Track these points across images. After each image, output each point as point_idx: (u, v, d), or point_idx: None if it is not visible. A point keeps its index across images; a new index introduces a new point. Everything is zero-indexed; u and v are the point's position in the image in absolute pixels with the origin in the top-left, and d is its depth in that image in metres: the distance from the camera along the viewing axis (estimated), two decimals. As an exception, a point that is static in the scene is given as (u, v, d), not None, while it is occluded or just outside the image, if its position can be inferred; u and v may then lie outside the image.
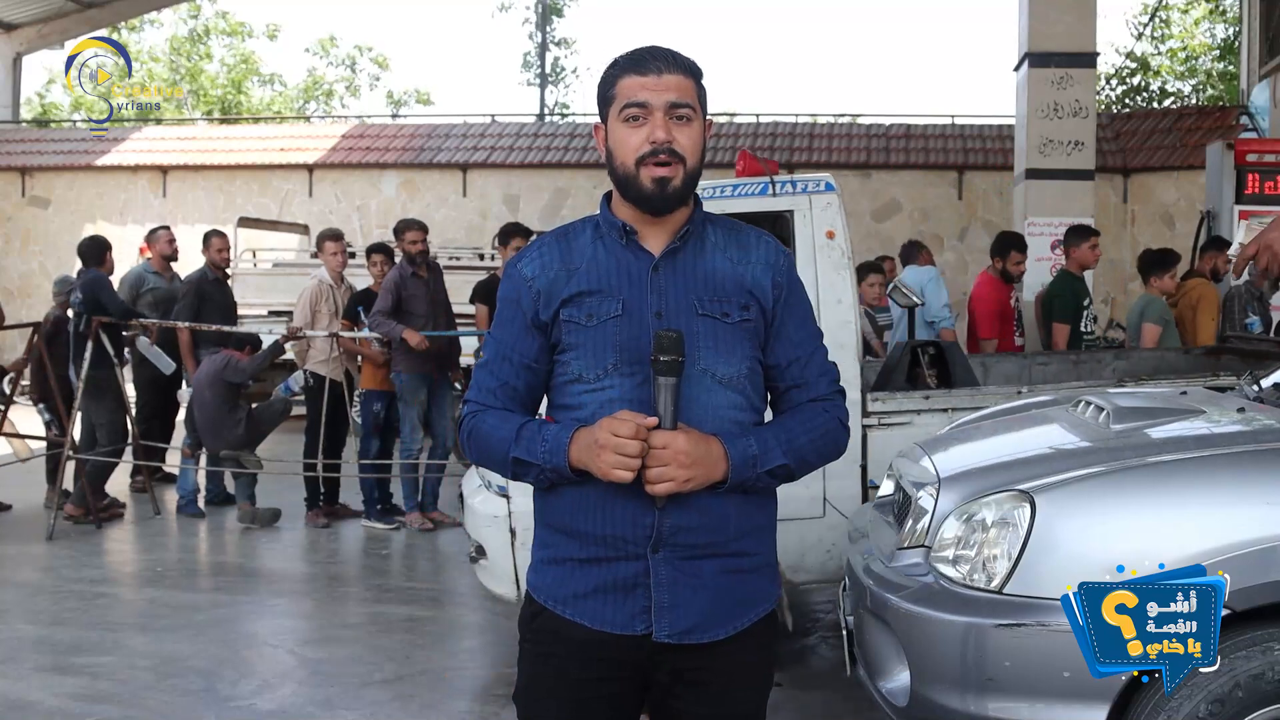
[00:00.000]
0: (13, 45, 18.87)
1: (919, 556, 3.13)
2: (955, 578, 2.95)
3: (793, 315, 2.09)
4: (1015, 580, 2.82)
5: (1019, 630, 2.77)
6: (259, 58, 30.69)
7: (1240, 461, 2.99)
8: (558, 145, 16.94)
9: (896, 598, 3.05)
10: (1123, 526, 2.82)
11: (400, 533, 7.51)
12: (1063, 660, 2.71)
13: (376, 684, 4.68)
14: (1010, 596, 2.81)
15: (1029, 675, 2.77)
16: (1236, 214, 9.31)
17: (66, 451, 7.53)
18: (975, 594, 2.88)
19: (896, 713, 3.05)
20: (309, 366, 7.61)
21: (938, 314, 7.78)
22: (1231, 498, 2.85)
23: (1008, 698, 2.78)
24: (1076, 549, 2.82)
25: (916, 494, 3.35)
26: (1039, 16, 10.87)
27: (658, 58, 2.00)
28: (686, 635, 2.00)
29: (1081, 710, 2.74)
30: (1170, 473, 2.96)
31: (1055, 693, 2.75)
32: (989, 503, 2.95)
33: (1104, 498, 2.88)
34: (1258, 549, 2.69)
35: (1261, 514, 2.76)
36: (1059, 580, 2.75)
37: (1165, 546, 2.74)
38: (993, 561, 2.88)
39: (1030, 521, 2.83)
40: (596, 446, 1.91)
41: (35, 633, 5.37)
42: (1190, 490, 2.89)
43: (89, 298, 7.71)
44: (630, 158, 2.00)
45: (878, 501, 3.97)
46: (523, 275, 2.07)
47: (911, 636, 2.97)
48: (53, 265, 15.56)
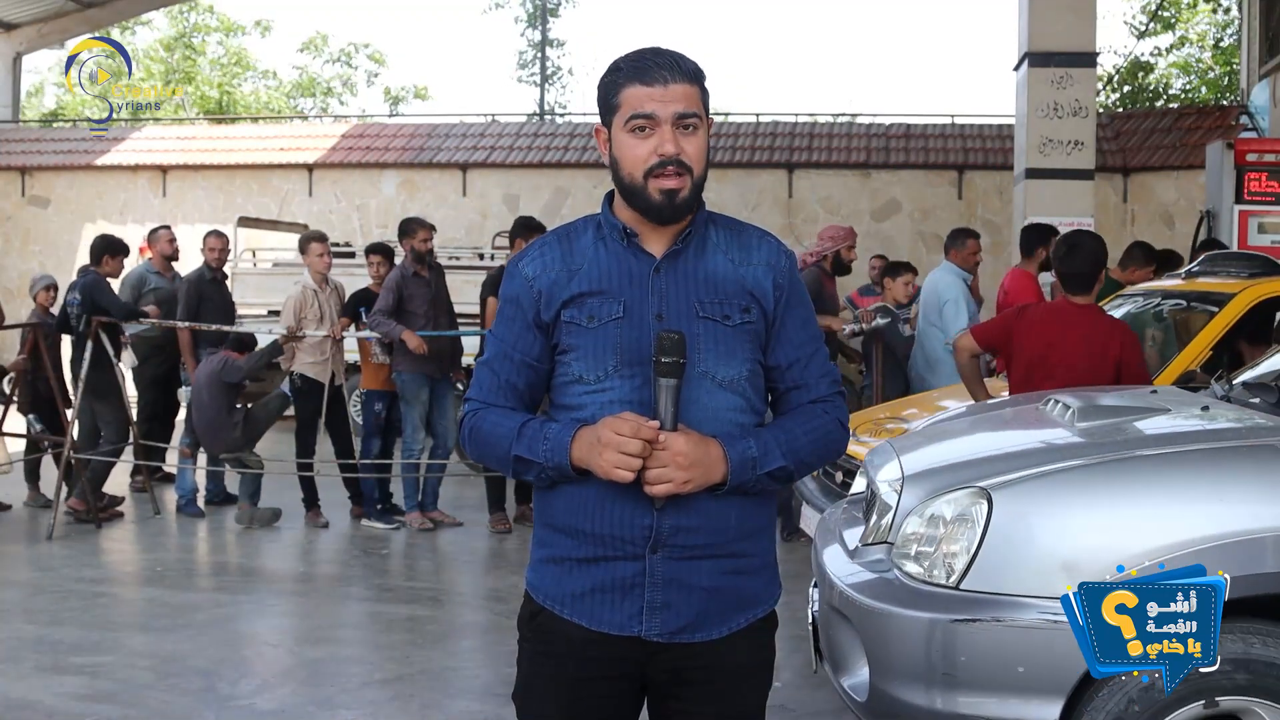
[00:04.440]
0: (13, 45, 18.85)
1: (882, 553, 3.17)
2: (915, 574, 2.98)
3: (794, 316, 2.09)
4: (972, 576, 2.85)
5: (975, 626, 2.80)
6: (252, 55, 30.68)
7: (1195, 459, 3.03)
8: (557, 145, 16.94)
9: (857, 593, 3.08)
10: (1077, 523, 2.86)
11: (400, 533, 7.51)
12: (1018, 655, 2.76)
13: (376, 684, 4.68)
14: (967, 592, 2.84)
15: (984, 670, 2.80)
16: (1236, 214, 9.31)
17: (67, 451, 7.53)
18: (933, 590, 2.91)
19: (857, 708, 3.07)
20: (297, 368, 7.60)
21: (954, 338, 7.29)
22: (1186, 496, 2.88)
23: (963, 692, 2.81)
24: (1032, 545, 2.85)
25: (882, 491, 3.38)
26: (1039, 16, 10.87)
27: (663, 66, 1.99)
28: (678, 635, 2.01)
29: (1036, 704, 2.77)
30: (1126, 470, 2.99)
31: (1010, 687, 2.78)
32: (949, 500, 2.99)
33: (1060, 495, 2.92)
34: (1210, 546, 2.71)
35: (1215, 511, 2.80)
36: (1014, 576, 2.82)
37: (1119, 543, 2.79)
38: (951, 558, 2.91)
39: (987, 518, 2.87)
40: (599, 445, 1.91)
41: (35, 632, 5.37)
42: (1145, 488, 2.92)
43: (86, 300, 7.72)
44: (638, 169, 1.99)
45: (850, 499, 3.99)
46: (524, 275, 2.07)
47: (870, 632, 3.00)
48: (52, 265, 15.54)
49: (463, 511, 7.84)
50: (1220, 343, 5.12)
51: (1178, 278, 6.00)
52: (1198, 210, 11.44)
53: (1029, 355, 4.68)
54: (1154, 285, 6.31)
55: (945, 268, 7.37)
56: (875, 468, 3.63)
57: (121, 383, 7.98)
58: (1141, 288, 6.39)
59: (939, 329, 7.10)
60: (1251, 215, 9.27)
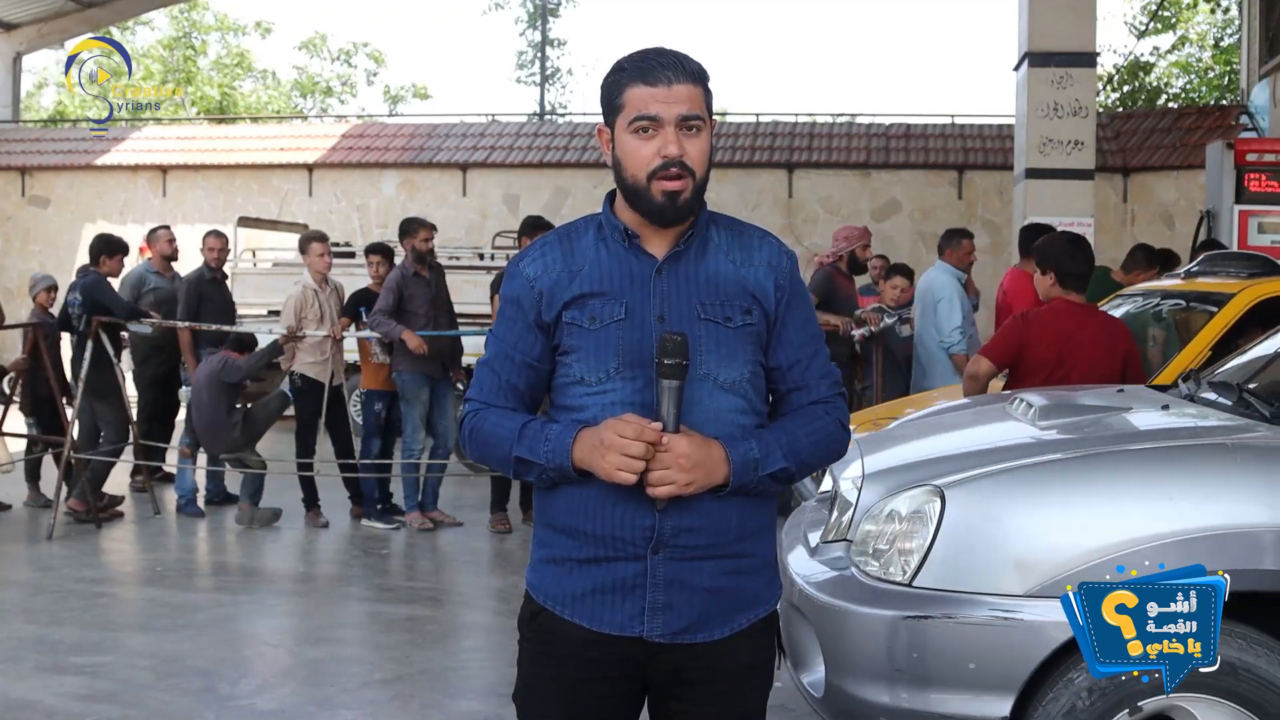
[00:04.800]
0: (13, 45, 18.85)
1: (841, 550, 3.19)
2: (872, 571, 3.00)
3: (794, 317, 2.09)
4: (924, 573, 2.86)
5: (926, 623, 2.81)
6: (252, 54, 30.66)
7: (1146, 458, 3.05)
8: (557, 145, 16.94)
9: (814, 590, 3.11)
10: (1029, 521, 2.88)
11: (400, 533, 7.51)
12: (969, 652, 2.78)
13: (376, 684, 4.68)
14: (919, 589, 2.86)
15: (936, 666, 2.81)
16: (1236, 214, 9.31)
17: (67, 451, 7.53)
18: (887, 587, 2.93)
19: (815, 704, 3.10)
20: (297, 368, 7.60)
21: (948, 337, 7.04)
22: (1134, 494, 2.89)
23: (916, 689, 2.82)
24: (984, 542, 2.87)
25: (843, 489, 3.41)
26: (1039, 16, 10.87)
27: (667, 67, 1.98)
28: (679, 635, 2.01)
29: (988, 701, 2.78)
30: (1077, 469, 3.01)
31: (962, 684, 2.79)
32: (905, 498, 3.01)
33: (1011, 493, 2.94)
34: (1157, 544, 2.73)
35: (1163, 509, 2.81)
36: (967, 573, 2.84)
37: (1070, 541, 2.81)
38: (906, 555, 2.92)
39: (940, 516, 2.88)
40: (602, 447, 1.91)
41: (35, 632, 5.37)
42: (1096, 486, 2.93)
43: (88, 300, 7.72)
44: (641, 171, 1.99)
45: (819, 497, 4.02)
46: (525, 275, 2.07)
47: (825, 628, 3.02)
48: (52, 265, 15.54)
49: (463, 511, 7.84)
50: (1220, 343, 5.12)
51: (1177, 278, 6.00)
52: (1198, 210, 11.44)
53: (1045, 360, 4.65)
54: (1153, 285, 6.31)
55: (940, 267, 7.38)
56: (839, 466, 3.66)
57: (121, 383, 7.98)
58: (1141, 288, 6.39)
59: (934, 327, 7.11)
60: (1251, 215, 9.27)
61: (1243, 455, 3.00)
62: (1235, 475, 2.89)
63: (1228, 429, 3.30)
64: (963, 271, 7.39)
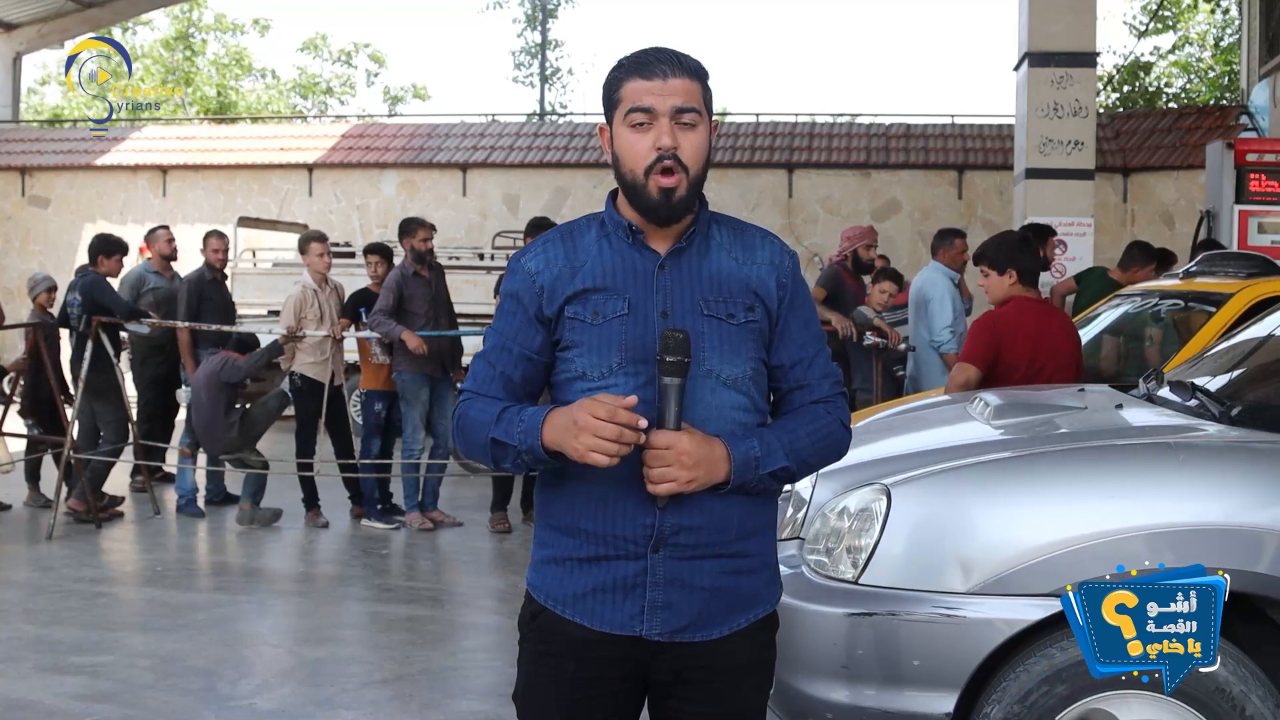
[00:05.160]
0: (13, 45, 18.85)
1: (794, 548, 3.21)
2: (821, 569, 3.02)
3: (796, 316, 2.09)
4: (870, 571, 2.89)
5: (872, 620, 2.84)
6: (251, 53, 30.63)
7: (1087, 457, 3.06)
8: (557, 145, 16.94)
9: None
10: (972, 519, 2.90)
11: (400, 533, 7.51)
12: (913, 648, 2.80)
13: (376, 684, 4.68)
14: (865, 587, 2.88)
15: (881, 664, 2.83)
16: (1236, 214, 9.31)
17: (67, 451, 7.53)
18: (834, 584, 2.95)
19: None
20: (297, 368, 7.60)
21: (938, 336, 7.01)
22: (1076, 492, 2.91)
23: (861, 685, 2.84)
24: (927, 541, 2.90)
25: (799, 486, 3.43)
26: (1039, 16, 10.87)
27: (663, 61, 1.99)
28: (678, 634, 2.00)
29: (932, 697, 2.80)
30: (1018, 468, 3.04)
31: (906, 680, 2.82)
32: (854, 496, 3.03)
33: (955, 492, 2.96)
34: (1097, 543, 2.74)
35: (1103, 508, 2.82)
36: (911, 571, 2.87)
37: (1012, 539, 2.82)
38: (853, 553, 2.95)
39: (886, 514, 2.91)
40: (575, 428, 1.88)
41: (35, 632, 5.37)
42: (1035, 485, 2.96)
43: (87, 300, 7.71)
44: (638, 165, 1.99)
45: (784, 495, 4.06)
46: (527, 270, 2.07)
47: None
48: (52, 265, 15.55)
49: (463, 511, 7.84)
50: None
51: (1175, 278, 6.01)
52: (1198, 210, 11.44)
53: (1020, 358, 4.76)
54: (1151, 285, 6.33)
55: (933, 267, 7.37)
56: None
57: (121, 383, 7.98)
58: (1139, 288, 6.40)
59: (925, 327, 7.13)
60: (1251, 215, 9.27)
61: (1185, 454, 3.03)
62: (1176, 474, 2.91)
63: (1176, 428, 3.33)
64: (956, 271, 7.39)
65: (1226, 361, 3.92)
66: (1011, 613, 2.74)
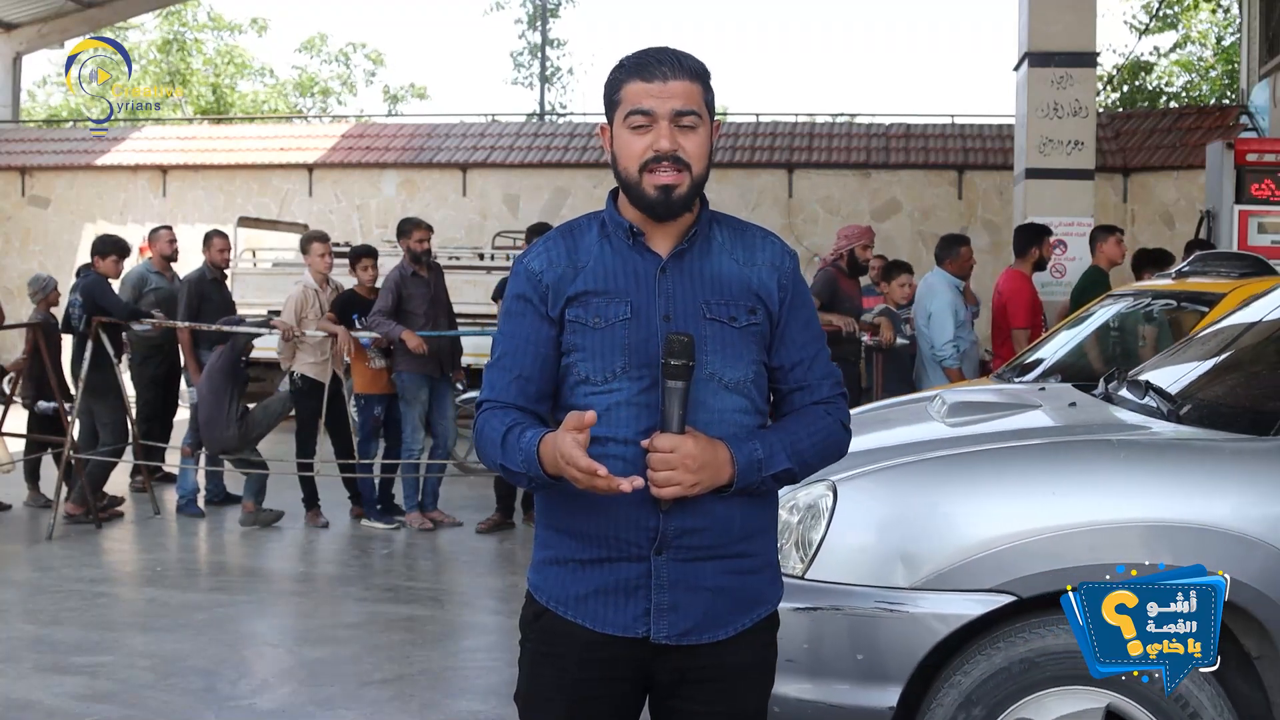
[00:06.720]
0: (13, 45, 18.85)
1: None
2: None
3: (797, 318, 2.10)
4: (816, 566, 2.92)
5: (816, 614, 2.87)
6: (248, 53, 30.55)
7: (1030, 454, 3.10)
8: (557, 145, 16.94)
9: None
10: (913, 515, 2.93)
11: (400, 533, 7.51)
12: (857, 643, 2.84)
13: (376, 684, 4.68)
14: (811, 581, 2.92)
15: (826, 658, 2.87)
16: (1236, 214, 9.31)
17: (67, 451, 7.53)
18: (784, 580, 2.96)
19: None
20: (298, 368, 7.60)
21: (939, 350, 6.99)
22: (1019, 489, 2.94)
23: (805, 679, 2.87)
24: (870, 537, 2.94)
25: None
26: (1039, 16, 10.86)
27: (664, 63, 1.99)
28: (685, 636, 2.00)
29: (875, 691, 2.83)
30: (961, 464, 3.08)
31: (850, 674, 2.85)
32: (804, 492, 3.06)
33: (899, 488, 3.01)
34: (1041, 538, 2.76)
35: (1047, 504, 2.84)
36: (855, 566, 2.91)
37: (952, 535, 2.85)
38: (801, 548, 2.98)
39: (832, 510, 2.94)
40: (564, 463, 1.88)
41: (35, 632, 5.37)
42: (978, 481, 2.99)
43: (87, 301, 7.71)
44: (634, 164, 1.99)
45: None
46: (530, 270, 2.07)
47: None
48: (53, 265, 15.54)
49: (463, 511, 7.84)
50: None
51: (1168, 277, 6.01)
52: (1198, 210, 11.44)
53: None
54: (1144, 285, 6.33)
55: (937, 274, 7.34)
56: None
57: (121, 384, 7.98)
58: (1132, 287, 6.40)
59: (926, 340, 7.15)
60: (1251, 215, 9.27)
61: (1126, 451, 3.05)
62: (1117, 470, 2.93)
63: (1123, 425, 3.36)
64: (961, 279, 7.38)
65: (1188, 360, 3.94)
66: (955, 608, 2.78)
